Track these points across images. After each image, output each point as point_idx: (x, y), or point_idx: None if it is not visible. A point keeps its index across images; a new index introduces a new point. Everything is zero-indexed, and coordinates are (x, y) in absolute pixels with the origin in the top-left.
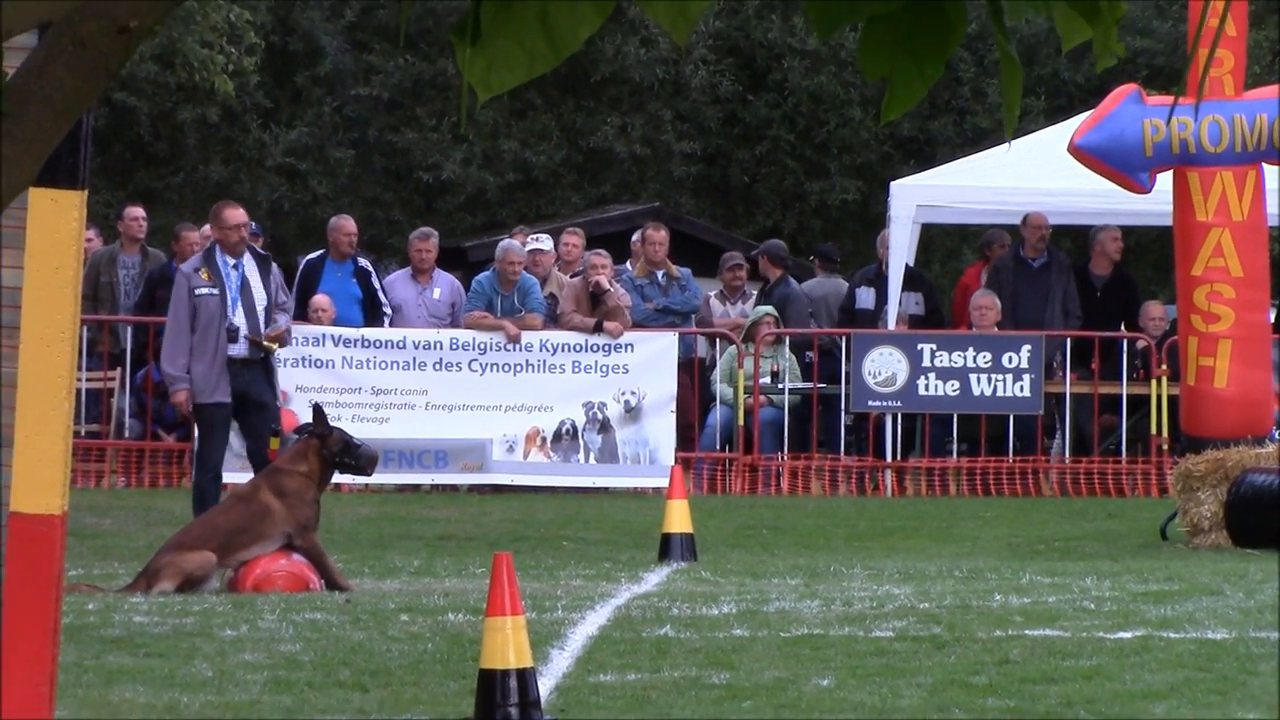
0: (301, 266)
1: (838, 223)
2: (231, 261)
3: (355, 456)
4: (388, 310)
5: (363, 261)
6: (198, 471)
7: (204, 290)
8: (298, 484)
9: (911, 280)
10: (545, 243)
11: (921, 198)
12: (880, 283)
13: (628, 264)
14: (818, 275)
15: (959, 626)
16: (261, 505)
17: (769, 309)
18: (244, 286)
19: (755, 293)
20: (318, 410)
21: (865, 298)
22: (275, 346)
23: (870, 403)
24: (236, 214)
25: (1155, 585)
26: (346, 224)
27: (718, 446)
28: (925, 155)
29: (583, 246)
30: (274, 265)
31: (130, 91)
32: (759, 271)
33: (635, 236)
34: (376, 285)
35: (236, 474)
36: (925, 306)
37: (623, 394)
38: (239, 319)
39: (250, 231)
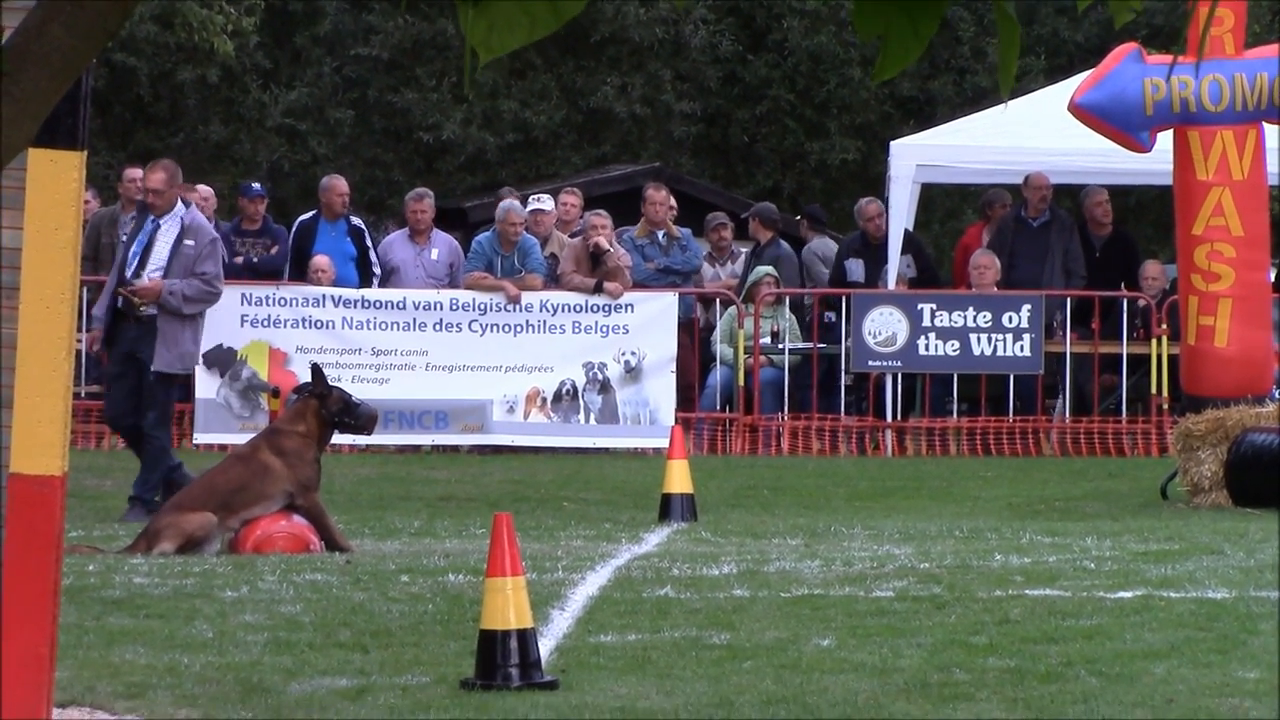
0: (295, 228)
1: (837, 182)
2: (152, 218)
3: (355, 415)
4: (376, 271)
5: (355, 220)
6: None
7: (120, 240)
8: (297, 443)
9: (905, 244)
10: (546, 203)
11: (921, 157)
12: (867, 253)
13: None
14: (807, 236)
15: (959, 586)
16: (261, 464)
17: (769, 269)
18: (148, 245)
19: (744, 253)
20: (316, 370)
21: (855, 270)
22: (137, 300)
23: (870, 363)
24: (153, 174)
25: (1155, 545)
26: (338, 183)
27: (718, 407)
28: (925, 115)
29: (581, 207)
30: (218, 242)
31: (129, 52)
32: (748, 233)
33: (650, 198)
34: (369, 244)
35: (236, 435)
36: (917, 268)
37: (623, 354)
38: (129, 273)
39: (254, 193)
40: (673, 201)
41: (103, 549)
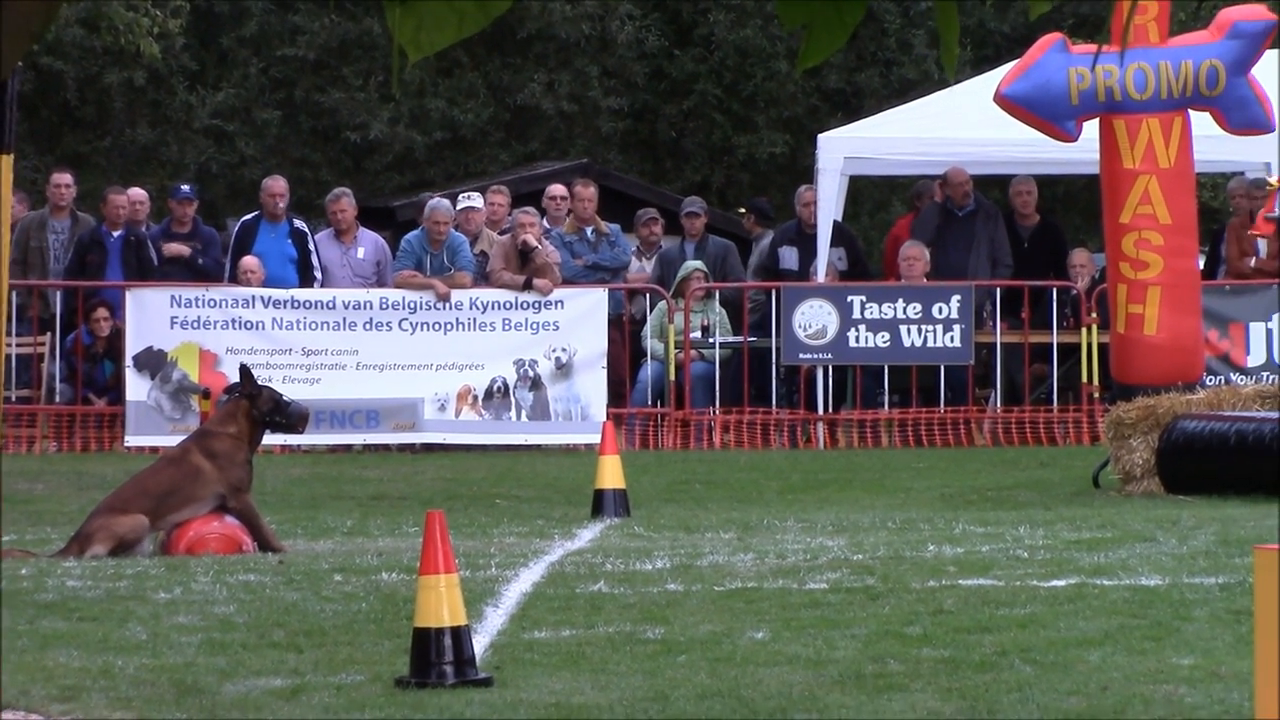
0: (236, 228)
1: (766, 176)
2: None
3: (286, 415)
4: (318, 274)
5: (299, 223)
6: None
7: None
8: (228, 445)
9: (836, 236)
10: (476, 200)
11: (849, 150)
12: (801, 241)
13: (545, 221)
14: (753, 231)
15: (893, 577)
16: (192, 467)
17: (698, 264)
18: None
19: (669, 246)
20: (244, 371)
21: (789, 258)
22: None
23: (801, 355)
24: None
25: (1088, 533)
26: (273, 184)
27: (649, 402)
28: (852, 108)
29: (508, 205)
30: None
31: (56, 55)
32: (685, 228)
33: (550, 191)
34: (312, 247)
35: (167, 437)
36: (849, 260)
37: (553, 351)
38: None
39: (183, 195)
40: (592, 195)
41: (35, 553)
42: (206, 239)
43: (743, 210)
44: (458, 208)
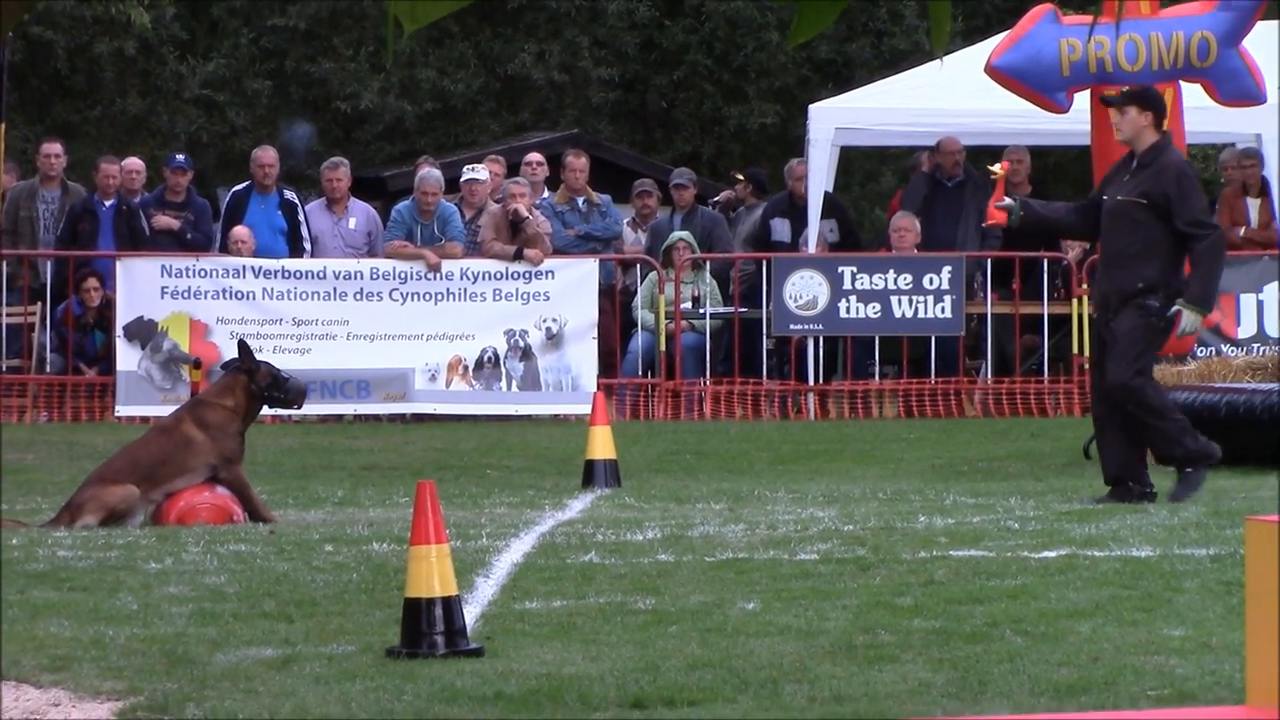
0: (227, 198)
1: (757, 147)
2: None
3: (284, 390)
4: (307, 245)
5: (289, 194)
6: None
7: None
8: (222, 416)
9: (827, 207)
10: (480, 172)
11: (840, 120)
12: (793, 213)
13: (545, 191)
14: (749, 201)
15: (884, 548)
16: (184, 437)
17: (683, 234)
18: None
19: (660, 217)
20: (243, 345)
21: (781, 229)
22: None
23: (792, 326)
24: None
25: (1079, 504)
26: (263, 155)
27: (640, 372)
28: (843, 78)
29: (504, 174)
30: None
31: (46, 25)
32: (674, 199)
33: (528, 158)
34: (302, 219)
35: (158, 407)
36: (840, 232)
37: (544, 321)
38: None
39: (178, 164)
40: (584, 165)
41: (25, 523)
42: (199, 210)
43: (740, 178)
44: (461, 179)
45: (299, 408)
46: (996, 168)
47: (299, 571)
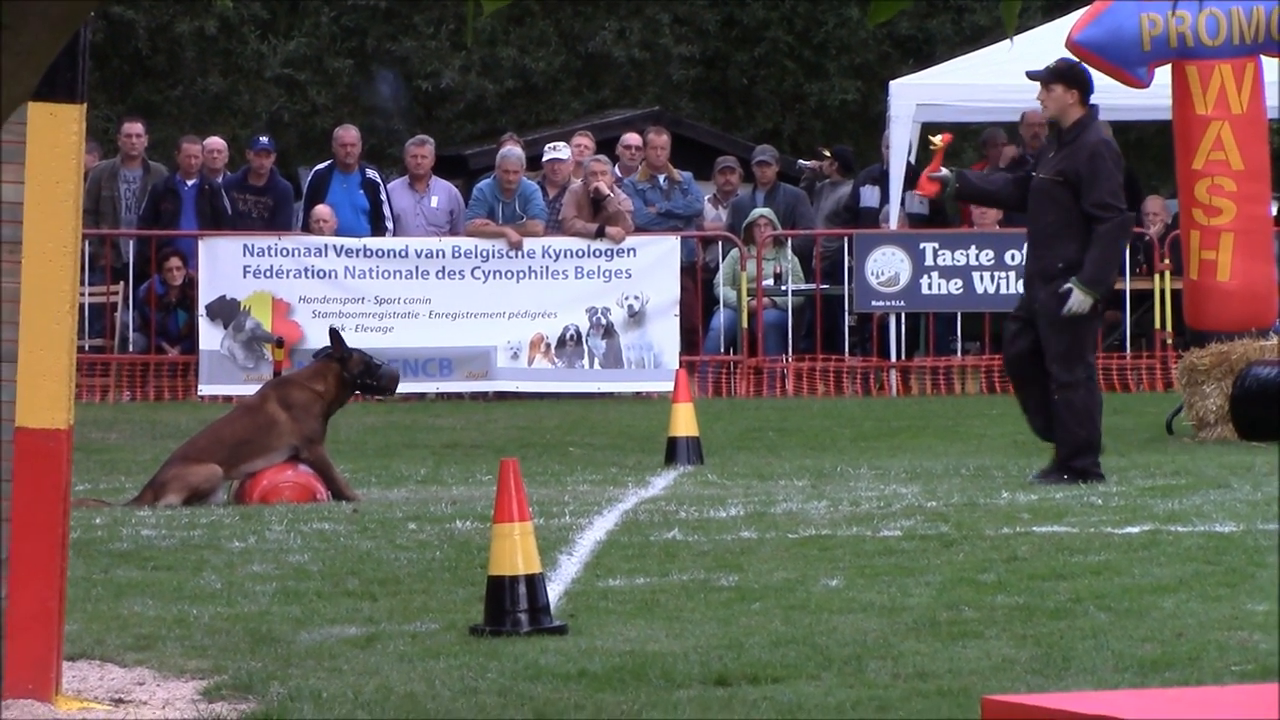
0: (309, 177)
1: (837, 123)
2: None
3: (376, 377)
4: (389, 224)
5: (371, 173)
6: None
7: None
8: (306, 397)
9: (914, 179)
10: (562, 151)
11: (921, 97)
12: (885, 181)
13: (617, 169)
14: (835, 179)
15: (967, 524)
16: (268, 417)
17: (764, 211)
18: None
19: (742, 194)
20: (334, 334)
21: (869, 196)
22: None
23: (874, 303)
24: None
25: (1162, 480)
26: (344, 134)
27: (722, 349)
28: (924, 54)
29: (592, 149)
30: None
31: (128, 4)
32: (755, 176)
33: (625, 140)
34: (384, 197)
35: (240, 386)
36: (929, 205)
37: (626, 299)
38: None
39: (261, 146)
40: (665, 142)
41: (109, 502)
42: (281, 192)
43: (827, 154)
44: (544, 159)
45: (392, 394)
46: (937, 139)
47: (382, 550)
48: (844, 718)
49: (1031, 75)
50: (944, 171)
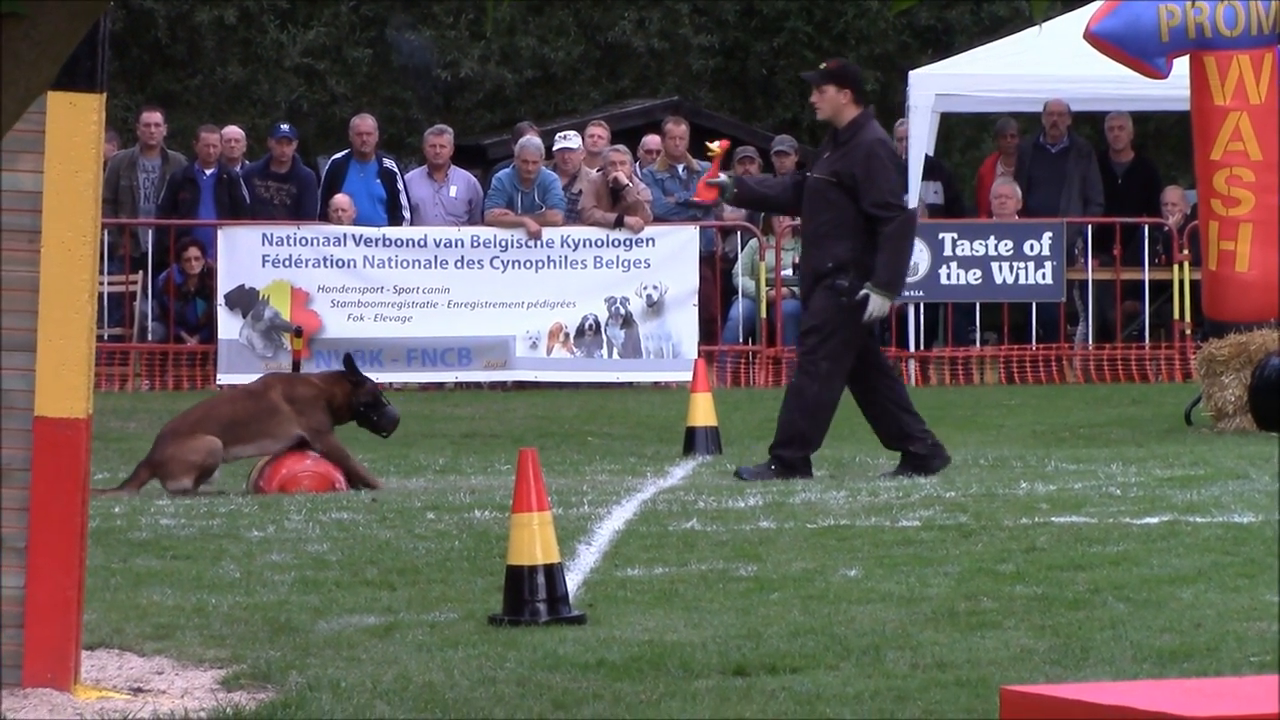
0: (327, 166)
1: None
2: None
3: (380, 413)
4: (406, 214)
5: (388, 162)
6: None
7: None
8: (310, 393)
9: (931, 169)
10: (573, 140)
11: (940, 87)
12: (903, 172)
13: (638, 162)
14: None
15: (985, 515)
16: (270, 404)
17: None
18: None
19: None
20: (349, 360)
21: None
22: None
23: None
24: None
25: (1181, 470)
26: (361, 123)
27: (740, 339)
28: (943, 44)
29: (608, 139)
30: None
31: None
32: (774, 166)
33: (646, 143)
34: (400, 187)
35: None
36: (945, 195)
37: (645, 288)
38: None
39: (283, 134)
40: (684, 132)
41: (104, 490)
42: (304, 180)
43: None
44: (554, 148)
45: (386, 437)
46: (715, 145)
47: (401, 539)
48: (862, 708)
49: (804, 77)
50: (722, 177)
